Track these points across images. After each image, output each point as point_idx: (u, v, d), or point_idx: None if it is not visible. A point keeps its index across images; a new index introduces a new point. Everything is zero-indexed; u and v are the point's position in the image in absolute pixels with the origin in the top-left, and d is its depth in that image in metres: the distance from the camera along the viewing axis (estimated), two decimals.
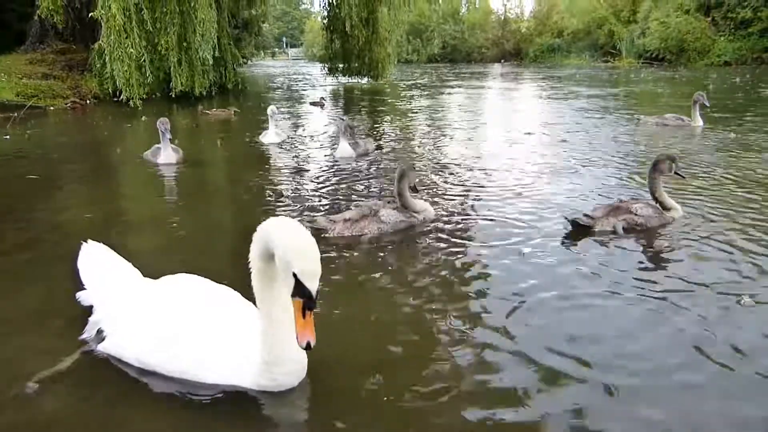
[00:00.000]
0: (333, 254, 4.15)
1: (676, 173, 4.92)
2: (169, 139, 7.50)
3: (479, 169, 7.14)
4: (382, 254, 4.19)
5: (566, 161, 7.51)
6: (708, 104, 9.99)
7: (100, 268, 3.00)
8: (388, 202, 4.83)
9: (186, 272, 2.93)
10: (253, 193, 6.16)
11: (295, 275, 1.99)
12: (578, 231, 4.54)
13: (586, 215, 4.64)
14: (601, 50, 43.77)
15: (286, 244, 2.05)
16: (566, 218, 4.69)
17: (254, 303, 2.42)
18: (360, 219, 4.52)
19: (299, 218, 4.77)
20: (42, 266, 4.03)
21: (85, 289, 2.97)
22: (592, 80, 25.02)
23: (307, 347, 2.06)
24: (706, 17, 36.50)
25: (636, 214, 4.63)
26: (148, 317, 2.60)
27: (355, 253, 4.20)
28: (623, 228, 4.57)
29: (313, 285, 2.01)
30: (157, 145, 7.65)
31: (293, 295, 2.03)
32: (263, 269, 2.23)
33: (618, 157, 7.73)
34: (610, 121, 11.37)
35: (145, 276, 3.08)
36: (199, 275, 2.88)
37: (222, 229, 5.11)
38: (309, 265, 2.01)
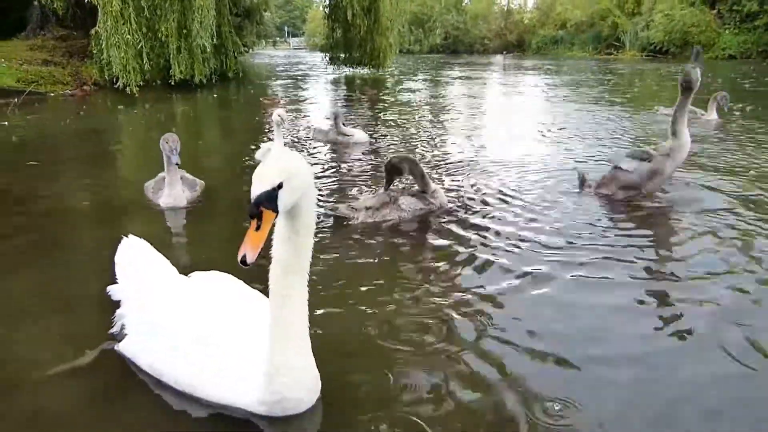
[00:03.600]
0: (356, 243, 4.11)
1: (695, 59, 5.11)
2: (177, 164, 4.79)
3: (488, 151, 7.47)
4: (406, 243, 4.17)
5: (578, 151, 7.55)
6: (727, 108, 9.57)
7: (133, 263, 2.88)
8: (403, 189, 4.92)
9: (207, 267, 2.81)
10: None
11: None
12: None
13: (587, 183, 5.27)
14: (604, 42, 43.53)
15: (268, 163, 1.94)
16: (578, 172, 5.36)
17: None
18: (381, 207, 4.58)
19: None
20: (41, 251, 4.02)
21: (116, 282, 2.85)
22: (596, 72, 24.90)
23: (242, 262, 1.84)
24: (711, 10, 36.28)
25: (627, 170, 4.93)
26: (163, 321, 2.45)
27: (379, 243, 4.16)
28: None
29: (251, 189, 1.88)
30: (162, 174, 5.10)
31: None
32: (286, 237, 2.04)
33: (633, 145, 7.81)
34: (619, 113, 11.30)
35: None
36: (224, 271, 2.74)
37: (236, 210, 5.05)
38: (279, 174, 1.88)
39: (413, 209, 4.65)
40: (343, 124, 8.15)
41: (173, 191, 4.88)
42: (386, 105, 13.50)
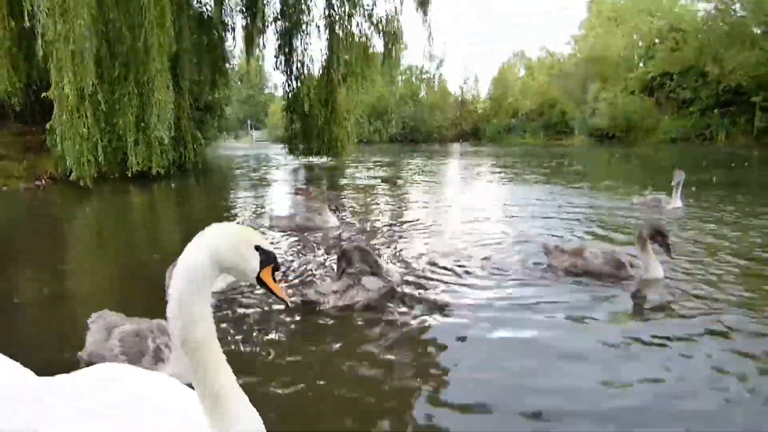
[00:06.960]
0: (328, 325, 4.23)
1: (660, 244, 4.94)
2: None
3: (447, 228, 7.84)
4: (373, 323, 4.25)
5: (533, 231, 7.72)
6: (675, 184, 9.10)
7: None
8: (360, 271, 5.01)
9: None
10: None
11: (258, 247, 2.12)
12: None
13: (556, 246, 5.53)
14: (554, 128, 45.75)
15: (234, 232, 2.13)
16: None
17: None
18: (347, 289, 4.69)
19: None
20: None
21: None
22: (548, 158, 25.90)
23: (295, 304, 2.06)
24: (650, 97, 38.73)
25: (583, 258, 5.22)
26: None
27: (348, 324, 4.27)
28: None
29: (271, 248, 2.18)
30: (138, 326, 3.53)
31: (262, 267, 2.12)
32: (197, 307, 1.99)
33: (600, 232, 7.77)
34: (574, 195, 11.74)
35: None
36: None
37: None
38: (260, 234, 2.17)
39: (377, 287, 4.78)
40: (336, 207, 8.18)
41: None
42: (346, 190, 13.76)
